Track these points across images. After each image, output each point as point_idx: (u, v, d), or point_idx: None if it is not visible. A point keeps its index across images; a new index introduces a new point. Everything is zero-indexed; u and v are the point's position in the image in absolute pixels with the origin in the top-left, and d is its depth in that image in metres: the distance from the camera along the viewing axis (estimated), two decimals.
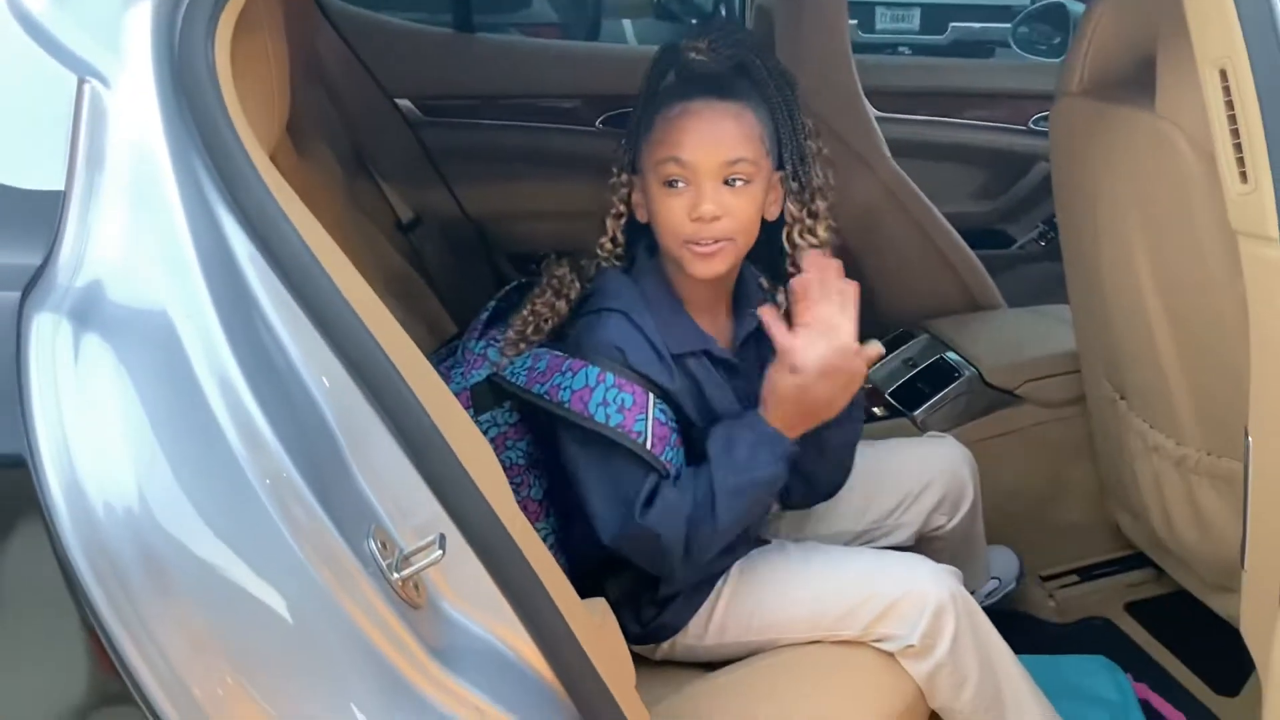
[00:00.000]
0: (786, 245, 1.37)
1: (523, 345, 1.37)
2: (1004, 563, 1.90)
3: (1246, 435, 1.18)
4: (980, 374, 1.95)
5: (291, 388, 0.87)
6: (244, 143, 0.90)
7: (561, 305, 1.38)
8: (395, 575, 0.88)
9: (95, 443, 0.77)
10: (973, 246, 2.27)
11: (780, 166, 1.35)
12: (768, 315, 1.28)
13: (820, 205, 1.37)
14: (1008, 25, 3.31)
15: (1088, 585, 1.98)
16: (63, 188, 0.83)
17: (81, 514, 0.74)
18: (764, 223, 1.35)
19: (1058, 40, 3.03)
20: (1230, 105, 1.08)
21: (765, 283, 1.47)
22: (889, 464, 1.58)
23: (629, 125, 1.38)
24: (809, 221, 1.37)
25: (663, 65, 1.37)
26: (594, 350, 1.30)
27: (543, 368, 1.33)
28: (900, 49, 6.52)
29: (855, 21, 5.42)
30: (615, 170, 1.38)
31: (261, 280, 0.88)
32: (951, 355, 2.00)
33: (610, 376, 1.27)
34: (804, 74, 2.11)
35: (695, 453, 1.32)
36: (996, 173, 2.87)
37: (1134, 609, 1.96)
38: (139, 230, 0.84)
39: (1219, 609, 1.64)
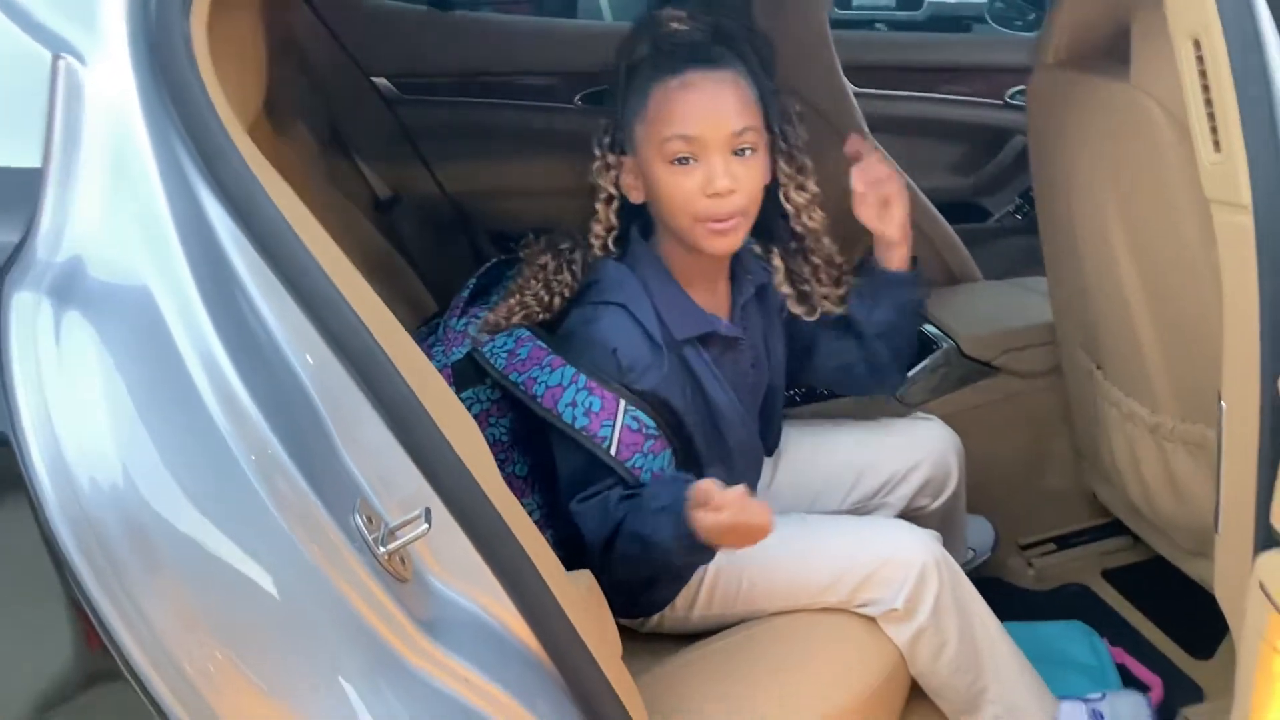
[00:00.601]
0: (785, 205, 1.38)
1: (502, 327, 1.37)
2: (979, 532, 1.92)
3: (1220, 400, 1.20)
4: (958, 345, 1.97)
5: (274, 363, 0.88)
6: (222, 119, 0.90)
7: (555, 301, 1.36)
8: (381, 549, 0.88)
9: (78, 419, 0.77)
10: (950, 221, 2.28)
11: (769, 129, 1.35)
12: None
13: (806, 161, 1.39)
14: (983, 1, 3.32)
15: (1066, 553, 2.01)
16: (40, 165, 0.83)
17: (66, 490, 0.74)
18: None
19: (1032, 15, 3.04)
20: (1204, 75, 1.09)
21: (758, 248, 1.48)
22: (877, 445, 1.59)
23: (613, 103, 1.35)
24: (800, 178, 1.38)
25: (639, 38, 1.33)
26: (582, 345, 1.31)
27: (524, 355, 1.34)
28: (876, 25, 6.53)
29: None
30: (599, 153, 1.35)
31: (242, 256, 0.88)
32: (929, 328, 2.01)
33: (583, 378, 1.28)
34: (782, 49, 2.11)
35: (682, 451, 1.35)
36: (973, 147, 2.88)
37: (1111, 576, 1.98)
38: (118, 207, 0.84)
39: (1194, 574, 1.67)
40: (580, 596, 1.10)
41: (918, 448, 1.60)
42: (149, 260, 0.83)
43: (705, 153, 1.26)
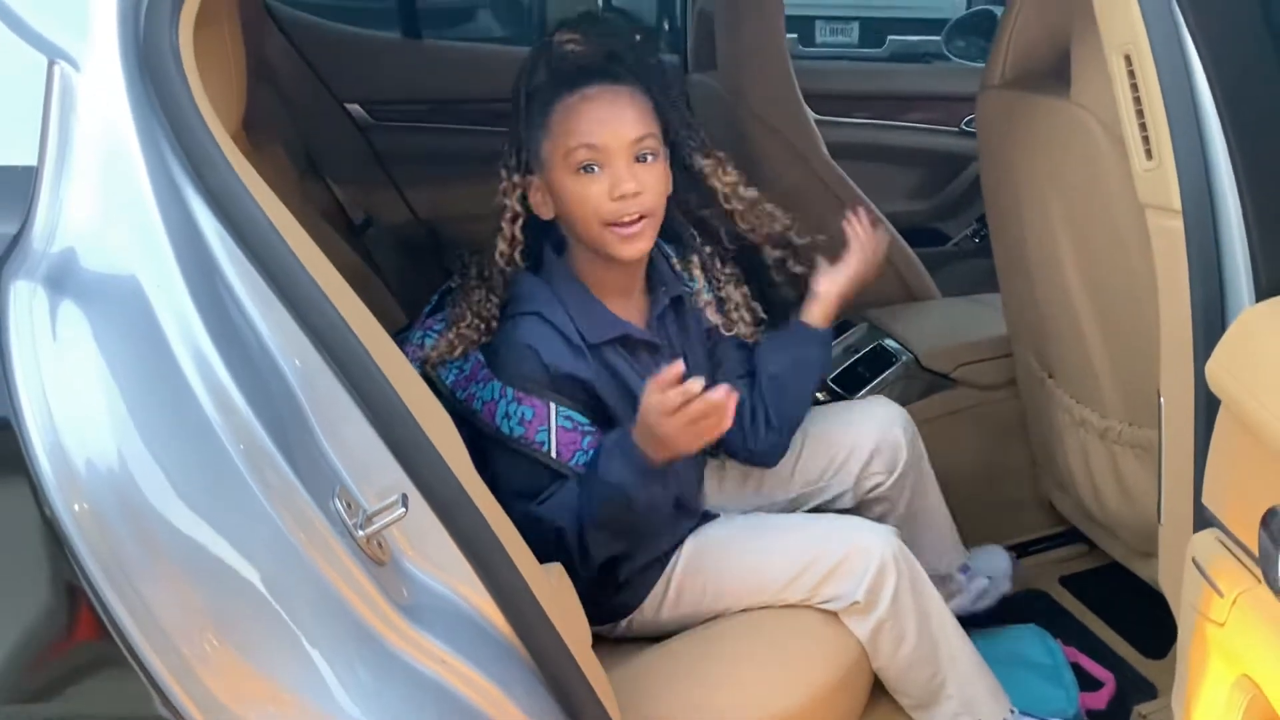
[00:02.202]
0: (718, 185, 1.46)
1: (445, 360, 1.42)
2: (992, 559, 1.91)
3: (1159, 396, 1.27)
4: (917, 358, 2.03)
5: (257, 356, 0.92)
6: (208, 124, 0.94)
7: (483, 325, 1.41)
8: (360, 532, 0.92)
9: (75, 404, 0.80)
10: (910, 244, 2.35)
11: (670, 141, 1.42)
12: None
13: (719, 153, 1.47)
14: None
15: (1024, 561, 2.06)
16: (35, 163, 0.87)
17: (65, 473, 0.78)
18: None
19: (989, 47, 3.14)
20: (1135, 88, 1.17)
21: (676, 263, 1.54)
22: (820, 426, 1.63)
23: (515, 126, 1.40)
24: (720, 166, 1.46)
25: (535, 62, 1.40)
26: (506, 357, 1.37)
27: (468, 371, 1.41)
28: (840, 61, 6.67)
29: (795, 35, 5.53)
30: (504, 174, 1.41)
31: (228, 255, 0.92)
32: (889, 342, 2.07)
33: (510, 391, 1.34)
34: (743, 74, 2.22)
35: None
36: (931, 173, 2.97)
37: (1068, 582, 2.04)
38: (109, 204, 0.88)
39: (1144, 575, 1.72)
40: (550, 585, 1.14)
41: (860, 423, 1.62)
42: (139, 254, 0.87)
43: (609, 159, 1.33)
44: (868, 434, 1.61)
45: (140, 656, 0.82)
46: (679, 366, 1.22)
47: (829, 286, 1.54)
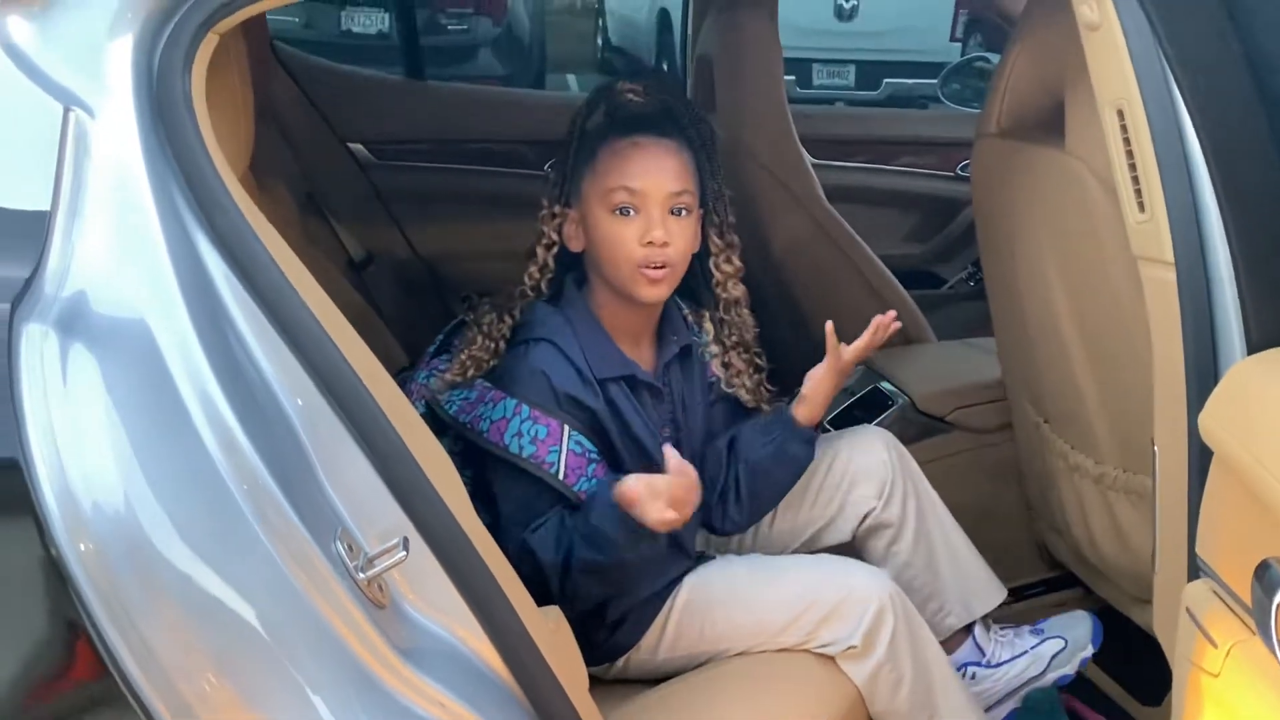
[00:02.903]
0: (714, 272, 1.52)
1: (459, 383, 1.45)
2: (1075, 626, 1.76)
3: (1153, 445, 1.28)
4: (913, 402, 2.04)
5: (260, 396, 0.93)
6: (218, 169, 0.96)
7: (493, 345, 1.45)
8: (361, 575, 0.93)
9: (82, 445, 0.81)
10: (905, 286, 2.37)
11: (702, 203, 1.47)
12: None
13: (734, 238, 1.53)
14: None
15: (1019, 604, 2.06)
16: (48, 208, 0.88)
17: (72, 515, 0.79)
18: None
19: (983, 90, 3.18)
20: (1128, 142, 1.19)
21: (689, 315, 1.57)
22: (815, 459, 1.61)
23: (564, 159, 1.47)
24: (729, 252, 1.52)
25: (594, 104, 1.47)
26: (518, 379, 1.39)
27: (473, 398, 1.43)
28: (836, 104, 6.76)
29: (793, 77, 5.62)
30: (547, 202, 1.46)
31: (235, 298, 0.94)
32: (885, 385, 2.09)
33: (526, 409, 1.36)
34: (742, 119, 2.25)
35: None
36: (927, 217, 3.00)
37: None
38: (120, 248, 0.90)
39: (1140, 621, 1.73)
40: (549, 629, 1.14)
41: (847, 452, 1.63)
42: (148, 299, 0.89)
43: (645, 205, 1.38)
44: (854, 458, 1.61)
45: (140, 695, 0.83)
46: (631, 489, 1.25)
47: (815, 389, 1.53)
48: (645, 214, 1.38)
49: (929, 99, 6.34)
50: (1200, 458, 1.15)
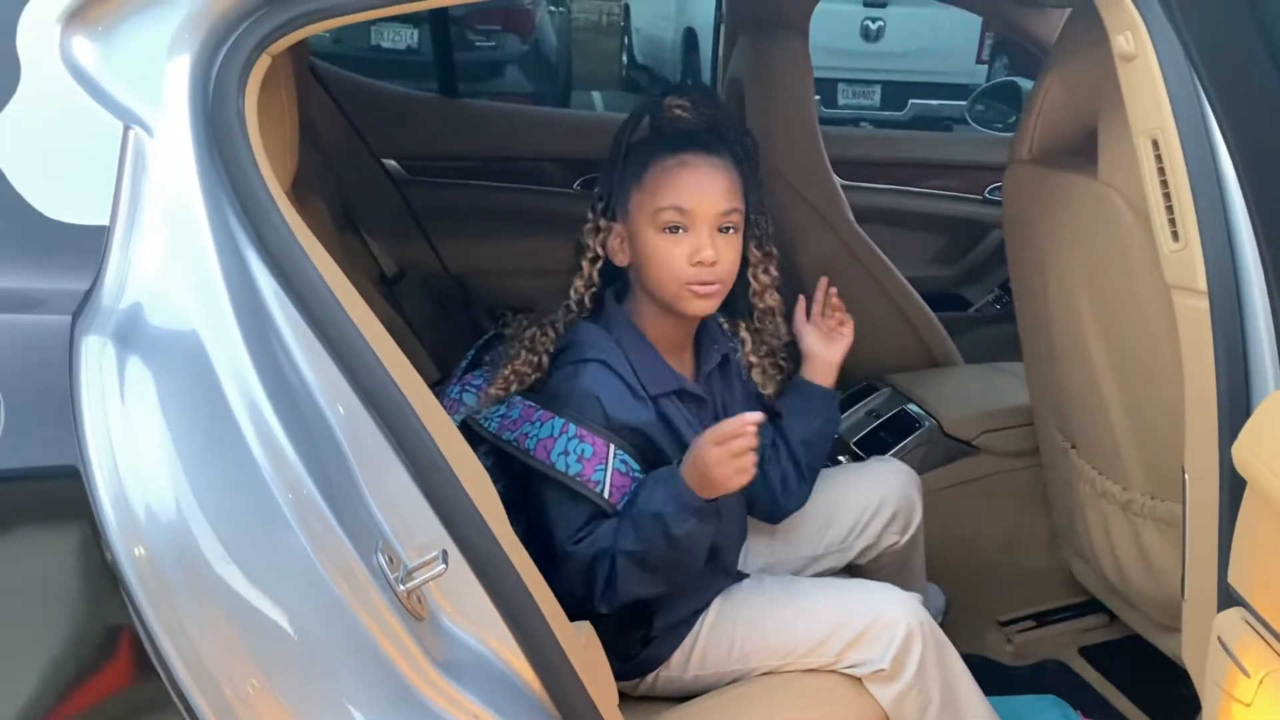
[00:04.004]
0: (752, 281, 1.53)
1: (501, 398, 1.46)
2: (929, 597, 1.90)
3: (1184, 473, 1.28)
4: (940, 425, 2.05)
5: (305, 408, 0.95)
6: (269, 186, 0.98)
7: (536, 360, 1.46)
8: (401, 587, 0.95)
9: (138, 455, 0.84)
10: (932, 309, 2.38)
11: (747, 216, 1.48)
12: None
13: (772, 249, 1.55)
14: (964, 103, 3.48)
15: (1044, 630, 2.06)
16: (107, 223, 0.91)
17: (126, 521, 0.81)
18: None
19: (1012, 118, 3.19)
20: (1162, 172, 1.20)
21: (725, 323, 1.59)
22: (843, 489, 1.67)
23: (610, 173, 1.46)
24: (766, 263, 1.54)
25: (638, 118, 1.47)
26: (570, 399, 1.39)
27: (515, 416, 1.43)
28: (862, 124, 6.78)
29: (818, 97, 5.64)
30: (592, 216, 1.47)
31: (283, 313, 0.96)
32: (913, 407, 2.09)
33: (573, 428, 1.37)
34: (772, 141, 2.27)
35: None
36: (954, 239, 3.01)
37: (1088, 653, 2.03)
38: (174, 263, 0.92)
39: (1167, 649, 1.72)
40: (581, 644, 1.15)
41: (881, 487, 1.67)
42: (201, 312, 0.91)
43: (695, 225, 1.39)
44: (889, 495, 1.64)
45: (186, 696, 0.85)
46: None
47: (833, 354, 1.59)
48: (695, 233, 1.39)
49: (954, 120, 6.35)
50: (1232, 487, 1.15)
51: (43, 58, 0.94)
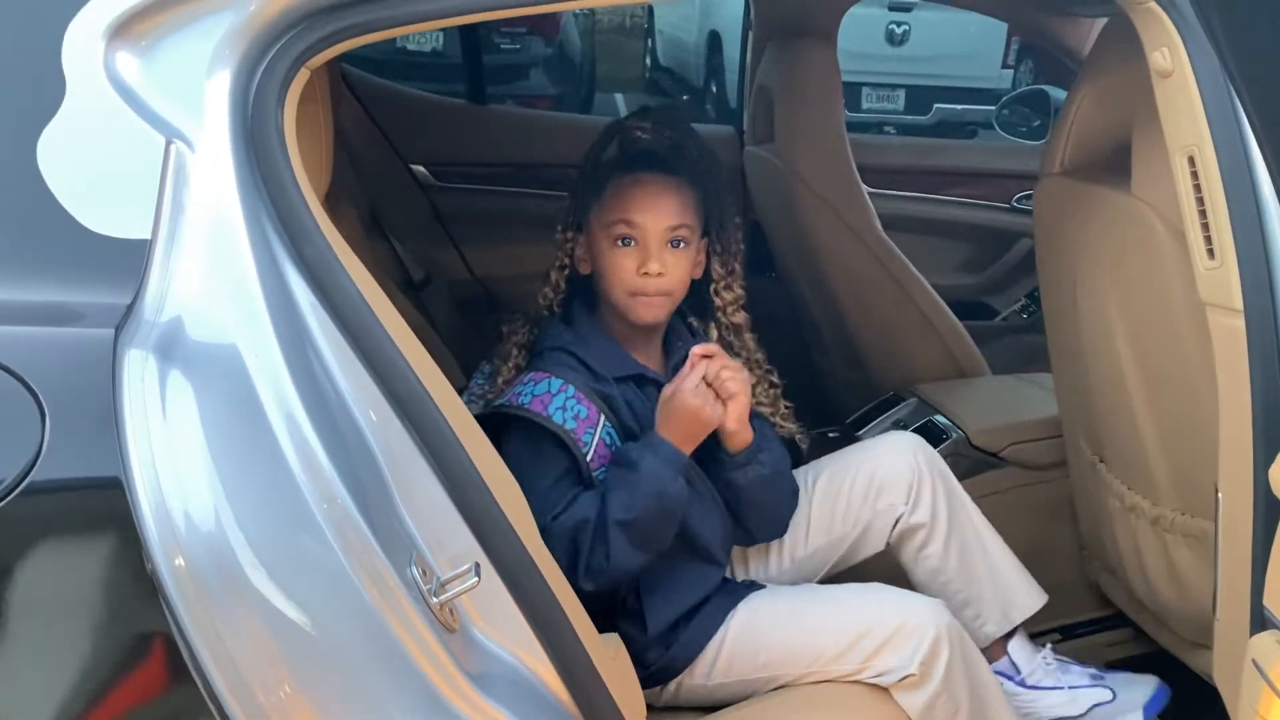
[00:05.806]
0: (714, 298, 1.58)
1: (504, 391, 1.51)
2: (1140, 686, 1.71)
3: (1217, 491, 1.27)
4: (967, 436, 2.04)
5: (342, 422, 0.96)
6: (307, 199, 0.99)
7: (518, 351, 1.54)
8: (434, 599, 0.95)
9: (178, 466, 0.85)
10: (959, 317, 2.37)
11: (705, 233, 1.54)
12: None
13: (737, 266, 1.58)
14: (989, 108, 3.47)
15: (1070, 643, 2.04)
16: (149, 237, 0.92)
17: (167, 531, 0.82)
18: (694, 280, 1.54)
19: (1038, 124, 3.18)
20: (1198, 189, 1.19)
21: (695, 322, 1.63)
22: (837, 467, 1.65)
23: (578, 188, 1.55)
24: (729, 279, 1.58)
25: (608, 138, 1.55)
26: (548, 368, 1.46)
27: (501, 385, 1.51)
28: (886, 128, 6.76)
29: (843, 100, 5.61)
30: (560, 228, 1.55)
31: (320, 326, 0.97)
32: (939, 418, 2.09)
33: (572, 388, 1.44)
34: (800, 149, 2.27)
35: None
36: (981, 248, 3.00)
37: (1114, 667, 2.02)
38: (214, 277, 0.93)
39: (1196, 666, 1.71)
40: (610, 657, 1.16)
41: (874, 457, 1.65)
42: (240, 325, 0.92)
43: (644, 238, 1.46)
44: (877, 468, 1.63)
45: (221, 702, 0.86)
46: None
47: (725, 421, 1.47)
48: (644, 246, 1.46)
49: (979, 125, 6.32)
50: (1266, 504, 1.14)
51: (88, 72, 0.95)
